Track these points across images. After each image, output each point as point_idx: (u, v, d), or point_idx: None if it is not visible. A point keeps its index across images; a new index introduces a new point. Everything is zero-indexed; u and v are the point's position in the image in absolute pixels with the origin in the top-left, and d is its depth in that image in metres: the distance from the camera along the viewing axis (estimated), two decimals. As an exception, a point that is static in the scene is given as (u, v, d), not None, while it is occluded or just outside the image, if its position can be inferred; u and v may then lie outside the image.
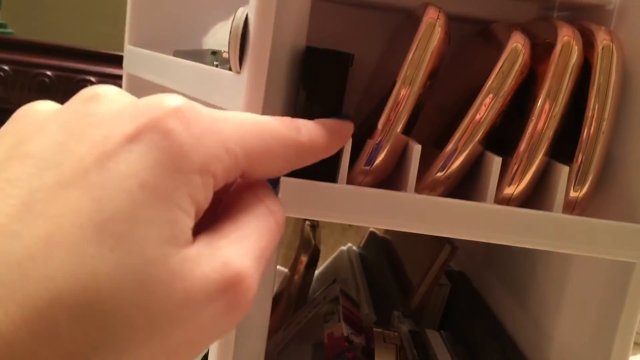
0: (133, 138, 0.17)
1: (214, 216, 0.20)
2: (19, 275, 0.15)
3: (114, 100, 0.19)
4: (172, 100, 0.18)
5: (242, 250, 0.18)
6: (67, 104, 0.19)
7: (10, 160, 0.17)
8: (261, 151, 0.20)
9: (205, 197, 0.18)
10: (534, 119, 0.31)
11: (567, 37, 0.31)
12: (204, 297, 0.17)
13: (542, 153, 0.31)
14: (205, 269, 0.17)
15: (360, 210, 0.31)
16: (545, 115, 0.31)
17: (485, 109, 0.31)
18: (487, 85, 0.31)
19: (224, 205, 0.20)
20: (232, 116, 0.20)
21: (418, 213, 0.31)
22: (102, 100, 0.18)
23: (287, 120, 0.22)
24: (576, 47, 0.31)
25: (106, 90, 0.19)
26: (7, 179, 0.16)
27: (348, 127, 0.28)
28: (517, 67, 0.31)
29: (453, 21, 0.35)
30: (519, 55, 0.31)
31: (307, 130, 0.23)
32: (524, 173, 0.31)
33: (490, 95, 0.31)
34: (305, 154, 0.23)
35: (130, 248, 0.16)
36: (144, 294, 0.16)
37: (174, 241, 0.16)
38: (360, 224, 0.32)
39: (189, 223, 0.17)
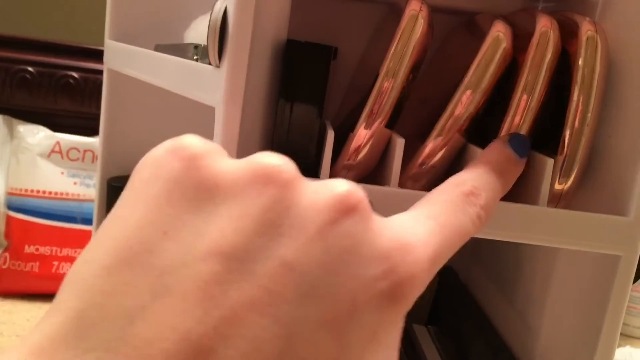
0: (384, 294, 0.16)
1: None
2: None
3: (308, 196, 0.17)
4: (414, 254, 0.17)
5: None
6: (254, 180, 0.16)
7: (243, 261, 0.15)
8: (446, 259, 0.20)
9: None
10: (511, 111, 0.31)
11: (544, 28, 0.31)
12: None
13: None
14: None
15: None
16: (522, 108, 0.30)
17: (467, 99, 0.31)
18: (469, 74, 0.31)
19: None
20: (441, 248, 0.19)
21: (403, 208, 0.31)
22: (297, 192, 0.16)
23: (474, 214, 0.22)
24: (553, 38, 0.31)
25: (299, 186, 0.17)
26: (269, 290, 0.15)
27: (520, 167, 0.28)
28: (498, 55, 0.31)
29: (438, 13, 0.34)
30: (500, 43, 0.31)
31: (489, 209, 0.23)
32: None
33: (473, 86, 0.31)
34: None
35: None
36: None
37: None
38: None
39: None
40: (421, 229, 0.19)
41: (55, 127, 0.74)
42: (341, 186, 0.17)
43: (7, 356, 0.14)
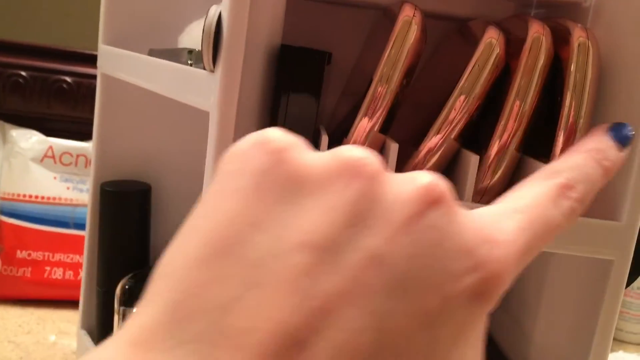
0: (472, 289, 0.16)
1: None
2: None
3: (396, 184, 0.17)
4: (500, 249, 0.17)
5: None
6: (341, 170, 0.16)
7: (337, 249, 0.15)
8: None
9: None
10: (504, 116, 0.31)
11: (537, 34, 0.31)
12: None
13: (513, 149, 0.31)
14: None
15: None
16: (515, 113, 0.31)
17: (460, 104, 0.31)
18: (463, 80, 0.31)
19: None
20: (529, 243, 0.19)
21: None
22: (385, 185, 0.16)
23: (567, 207, 0.20)
24: (545, 44, 0.31)
25: (380, 176, 0.17)
26: (364, 283, 0.15)
27: (621, 157, 0.24)
28: (491, 61, 0.31)
29: (431, 19, 0.35)
30: (493, 49, 0.31)
31: (585, 201, 0.21)
32: (494, 172, 0.31)
33: (466, 91, 0.31)
34: None
35: None
36: None
37: None
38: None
39: None
40: (509, 222, 0.18)
41: (48, 132, 0.73)
42: (424, 178, 0.17)
43: (106, 345, 0.14)
